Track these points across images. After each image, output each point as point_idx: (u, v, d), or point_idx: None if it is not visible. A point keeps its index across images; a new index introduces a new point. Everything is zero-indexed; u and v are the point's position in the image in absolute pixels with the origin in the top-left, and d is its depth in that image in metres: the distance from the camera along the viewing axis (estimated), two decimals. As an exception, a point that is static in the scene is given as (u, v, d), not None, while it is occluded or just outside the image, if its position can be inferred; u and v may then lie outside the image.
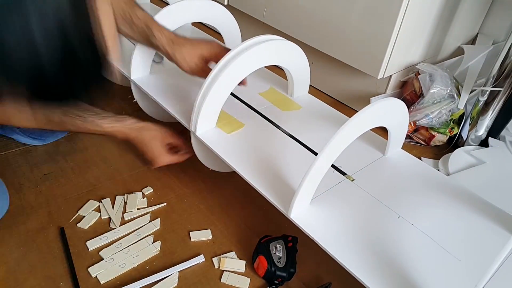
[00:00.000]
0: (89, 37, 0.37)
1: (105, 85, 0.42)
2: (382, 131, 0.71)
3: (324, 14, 0.98)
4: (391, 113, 0.63)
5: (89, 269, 0.62)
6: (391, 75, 0.99)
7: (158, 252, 0.66)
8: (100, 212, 0.71)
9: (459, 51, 1.17)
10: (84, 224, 0.68)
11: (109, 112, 0.73)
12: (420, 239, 0.57)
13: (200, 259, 0.65)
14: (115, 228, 0.68)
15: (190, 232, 0.69)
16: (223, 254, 0.67)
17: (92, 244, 0.65)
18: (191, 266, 0.64)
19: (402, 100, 0.63)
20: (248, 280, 0.63)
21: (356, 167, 0.69)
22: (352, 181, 0.66)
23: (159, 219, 0.71)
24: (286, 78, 0.85)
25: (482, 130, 0.94)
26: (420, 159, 0.93)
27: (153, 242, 0.67)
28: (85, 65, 0.38)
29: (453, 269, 0.53)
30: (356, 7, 0.91)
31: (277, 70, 0.87)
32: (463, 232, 0.59)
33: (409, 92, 1.00)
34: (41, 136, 0.84)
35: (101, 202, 0.73)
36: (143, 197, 0.75)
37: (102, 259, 0.63)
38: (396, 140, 0.71)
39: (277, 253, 0.63)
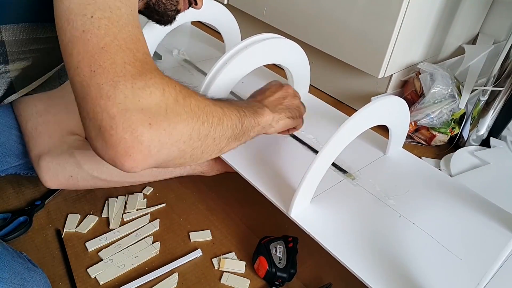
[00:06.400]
0: None
1: None
2: (383, 130, 0.71)
3: (325, 13, 0.98)
4: (392, 111, 0.63)
5: (88, 270, 0.61)
6: (391, 75, 0.98)
7: (158, 252, 0.65)
8: (98, 216, 0.70)
9: (460, 51, 1.16)
10: (83, 228, 0.68)
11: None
12: (421, 238, 0.57)
13: (198, 253, 0.65)
14: (114, 229, 0.68)
15: (190, 233, 0.69)
16: (223, 254, 0.66)
17: (91, 245, 0.65)
18: (190, 260, 0.64)
19: (402, 99, 0.62)
20: (248, 281, 0.62)
21: (357, 165, 0.68)
22: (352, 179, 0.65)
23: (158, 219, 0.71)
24: (286, 77, 0.85)
25: (483, 129, 0.94)
26: (421, 158, 0.92)
27: (152, 243, 0.67)
28: None
29: (455, 268, 0.53)
30: (356, 6, 0.91)
31: (277, 69, 0.87)
32: (464, 231, 0.59)
33: (410, 91, 0.99)
34: None
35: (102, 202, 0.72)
36: (144, 198, 0.75)
37: (101, 259, 0.63)
38: (397, 138, 0.71)
39: (277, 254, 0.62)
